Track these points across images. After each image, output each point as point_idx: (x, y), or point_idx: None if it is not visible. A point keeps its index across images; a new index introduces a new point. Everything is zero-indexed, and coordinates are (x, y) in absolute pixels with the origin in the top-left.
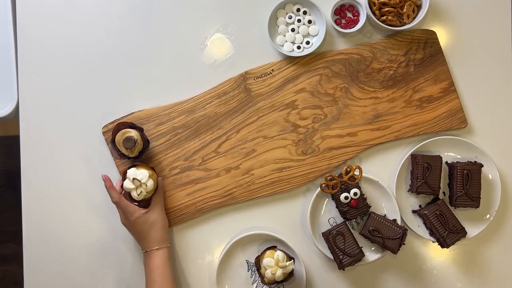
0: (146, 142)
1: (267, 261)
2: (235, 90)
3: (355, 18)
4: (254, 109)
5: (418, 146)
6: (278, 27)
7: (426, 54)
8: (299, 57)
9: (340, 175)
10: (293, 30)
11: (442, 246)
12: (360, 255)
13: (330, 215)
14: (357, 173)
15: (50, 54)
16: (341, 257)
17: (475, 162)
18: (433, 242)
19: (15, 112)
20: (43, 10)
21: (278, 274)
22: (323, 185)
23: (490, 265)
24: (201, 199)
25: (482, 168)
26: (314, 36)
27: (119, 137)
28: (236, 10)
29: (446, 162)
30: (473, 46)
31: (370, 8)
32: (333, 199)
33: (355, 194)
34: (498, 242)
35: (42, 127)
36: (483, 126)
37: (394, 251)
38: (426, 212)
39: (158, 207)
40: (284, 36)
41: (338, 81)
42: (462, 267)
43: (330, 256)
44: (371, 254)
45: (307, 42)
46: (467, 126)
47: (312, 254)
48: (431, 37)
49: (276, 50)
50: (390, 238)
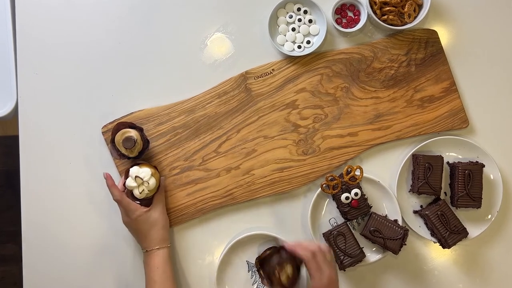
0: (146, 142)
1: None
2: (236, 90)
3: (356, 17)
4: (255, 109)
5: (419, 146)
6: (279, 27)
7: (427, 53)
8: (300, 56)
9: (341, 175)
10: (293, 29)
11: (444, 247)
12: (361, 256)
13: (331, 216)
14: (358, 173)
15: (50, 53)
16: (342, 257)
17: (477, 162)
18: (434, 242)
19: (14, 111)
20: (43, 10)
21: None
22: (324, 185)
23: (492, 265)
24: (201, 199)
25: (484, 168)
26: (314, 35)
27: (119, 137)
28: (236, 9)
29: (448, 162)
30: (474, 46)
31: (371, 7)
32: (334, 200)
33: (356, 194)
34: (500, 243)
35: (41, 127)
36: (485, 126)
37: (395, 252)
38: (427, 212)
39: (159, 206)
40: (284, 35)
41: (339, 80)
42: (464, 268)
43: None
44: (372, 255)
45: (308, 42)
46: (469, 126)
47: None
48: (432, 36)
49: (276, 50)
50: (391, 238)
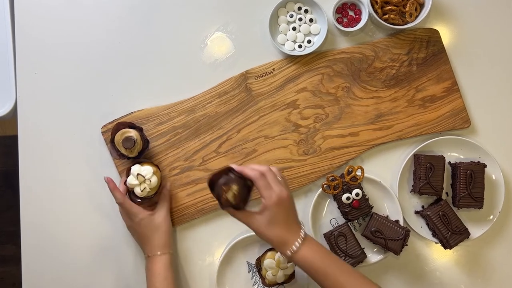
0: (145, 142)
1: (268, 262)
2: (236, 90)
3: (357, 16)
4: (255, 108)
5: (421, 146)
6: (279, 26)
7: (429, 53)
8: (300, 56)
9: (342, 176)
10: (294, 28)
11: (445, 247)
12: (362, 256)
13: (331, 216)
14: (359, 173)
15: (49, 53)
16: (343, 258)
17: (479, 162)
18: (436, 243)
19: (14, 111)
20: (42, 9)
21: (279, 276)
22: (325, 185)
23: (494, 266)
24: (201, 200)
25: (486, 168)
26: (315, 35)
27: (119, 137)
28: (236, 9)
29: (449, 162)
30: (476, 45)
31: (372, 6)
32: (335, 200)
33: (357, 194)
34: (502, 243)
35: (41, 127)
36: (487, 126)
37: (397, 252)
38: (429, 213)
39: (164, 211)
40: (285, 35)
41: (340, 80)
42: (465, 268)
43: None
44: (373, 256)
45: (309, 41)
46: (470, 125)
47: None
48: (434, 35)
49: (277, 49)
50: (393, 239)
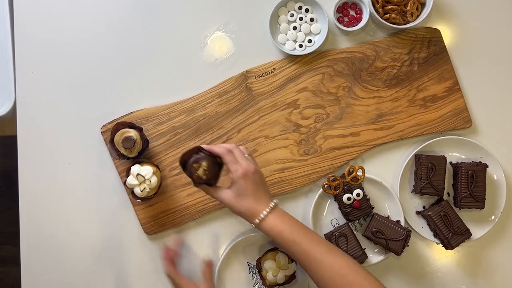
0: (145, 142)
1: (269, 263)
2: (236, 89)
3: (358, 16)
4: (255, 108)
5: (422, 146)
6: (280, 25)
7: (430, 52)
8: (301, 55)
9: (342, 176)
10: (295, 28)
11: (447, 248)
12: (363, 257)
13: (332, 217)
14: (360, 173)
15: (48, 52)
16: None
17: (480, 162)
18: (437, 243)
19: (13, 111)
20: (41, 8)
21: (280, 277)
22: (326, 186)
23: (495, 267)
24: (201, 200)
25: (487, 168)
26: (316, 34)
27: (118, 137)
28: (237, 8)
29: (451, 163)
30: (477, 45)
31: (373, 6)
32: (335, 200)
33: (358, 195)
34: (503, 244)
35: (40, 127)
36: (488, 126)
37: (398, 253)
38: (430, 213)
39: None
40: (285, 34)
41: (341, 80)
42: (467, 269)
43: None
44: (374, 256)
45: (309, 41)
46: (472, 125)
47: None
48: (435, 35)
49: (277, 49)
50: (394, 239)
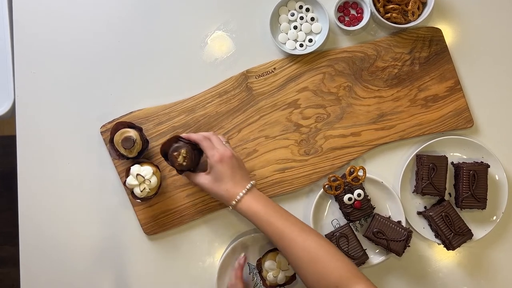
0: (145, 142)
1: (269, 264)
2: (236, 89)
3: (359, 15)
4: (256, 108)
5: (423, 146)
6: (280, 25)
7: (432, 52)
8: (302, 55)
9: (343, 176)
10: (295, 27)
11: (448, 248)
12: (364, 258)
13: (333, 217)
14: (361, 173)
15: (48, 52)
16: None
17: (482, 162)
18: (438, 244)
19: (12, 111)
20: (41, 7)
21: (280, 277)
22: (326, 186)
23: (497, 267)
24: (202, 200)
25: (489, 168)
26: (317, 33)
27: (118, 137)
28: (237, 7)
29: (452, 163)
30: (479, 44)
31: (374, 5)
32: (336, 201)
33: (359, 195)
34: (505, 244)
35: (39, 127)
36: (490, 126)
37: (399, 254)
38: (431, 213)
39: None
40: (286, 33)
41: (342, 79)
42: (468, 270)
43: None
44: (375, 257)
45: (310, 40)
46: (473, 125)
47: None
48: (437, 34)
49: (278, 48)
50: (395, 240)
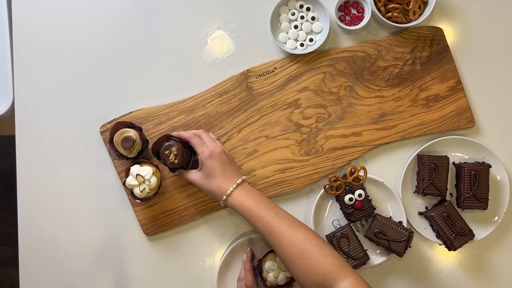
0: (145, 142)
1: (270, 264)
2: (237, 89)
3: (360, 14)
4: (256, 108)
5: (425, 146)
6: (281, 24)
7: (433, 51)
8: (302, 54)
9: (344, 176)
10: (296, 27)
11: (449, 249)
12: (365, 258)
13: (334, 217)
14: (361, 174)
15: (47, 51)
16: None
17: (483, 162)
18: (439, 244)
19: (11, 111)
20: (40, 7)
21: (281, 278)
22: (327, 186)
23: (498, 268)
24: (202, 201)
25: (490, 168)
26: (317, 33)
27: (118, 137)
28: (237, 6)
29: (453, 163)
30: (481, 43)
31: (375, 4)
32: (337, 201)
33: (360, 195)
34: (507, 245)
35: (39, 127)
36: (491, 126)
37: (400, 254)
38: (432, 214)
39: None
40: (286, 33)
41: (342, 79)
42: (470, 270)
43: None
44: (376, 257)
45: (311, 40)
46: (475, 125)
47: None
48: (438, 34)
49: (278, 48)
50: (396, 240)
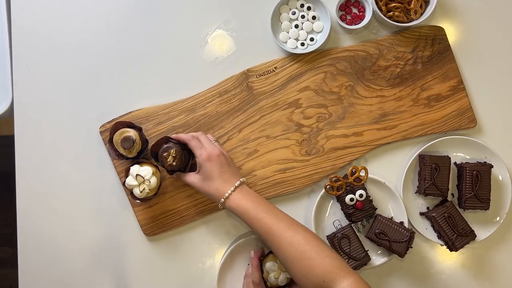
0: (145, 142)
1: (270, 265)
2: (237, 89)
3: (361, 14)
4: (257, 108)
5: (426, 146)
6: (281, 23)
7: (434, 51)
8: (303, 54)
9: (345, 176)
10: (296, 26)
11: (451, 250)
12: (366, 259)
13: (335, 218)
14: (362, 174)
15: (46, 51)
16: (346, 261)
17: (485, 162)
18: (441, 245)
19: (10, 111)
20: (39, 6)
21: (281, 279)
22: (328, 186)
23: (500, 269)
24: (202, 201)
25: (492, 169)
26: (318, 32)
27: (117, 137)
28: (238, 6)
29: (455, 163)
30: (482, 43)
31: (376, 3)
32: (338, 201)
33: (361, 195)
34: (509, 245)
35: (38, 127)
36: (493, 126)
37: (401, 255)
38: (434, 214)
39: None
40: (287, 32)
41: (343, 79)
42: (471, 271)
43: None
44: (377, 258)
45: (311, 39)
46: (477, 125)
47: None
48: (439, 33)
49: (279, 47)
50: (397, 241)
